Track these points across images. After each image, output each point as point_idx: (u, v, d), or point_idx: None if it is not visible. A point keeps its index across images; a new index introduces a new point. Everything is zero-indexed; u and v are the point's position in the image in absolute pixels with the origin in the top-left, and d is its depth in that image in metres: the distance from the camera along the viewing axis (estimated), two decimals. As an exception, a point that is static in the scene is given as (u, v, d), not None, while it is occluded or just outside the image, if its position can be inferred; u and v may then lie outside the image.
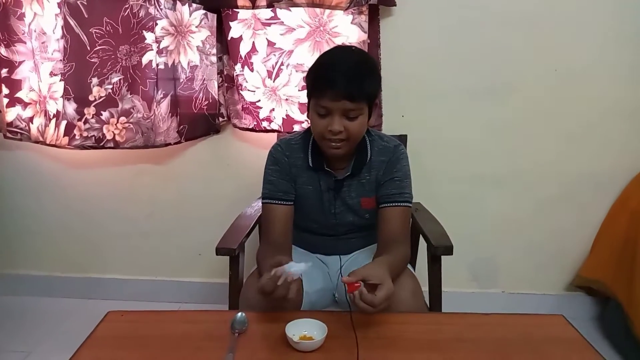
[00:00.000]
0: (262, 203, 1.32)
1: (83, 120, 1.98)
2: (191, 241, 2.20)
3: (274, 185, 1.30)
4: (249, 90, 1.94)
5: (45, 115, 2.01)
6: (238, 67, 1.92)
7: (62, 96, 1.96)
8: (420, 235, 1.53)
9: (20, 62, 1.98)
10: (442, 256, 1.39)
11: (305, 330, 1.01)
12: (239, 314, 1.06)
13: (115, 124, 1.99)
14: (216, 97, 2.02)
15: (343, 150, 1.21)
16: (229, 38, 1.90)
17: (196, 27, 1.95)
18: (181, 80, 1.99)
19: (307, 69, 1.85)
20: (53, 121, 2.00)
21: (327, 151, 1.23)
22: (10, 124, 2.02)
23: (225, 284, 1.43)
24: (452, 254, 1.36)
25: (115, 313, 1.12)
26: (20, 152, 2.16)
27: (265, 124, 1.97)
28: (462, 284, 2.14)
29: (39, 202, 2.22)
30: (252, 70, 1.91)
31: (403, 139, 1.69)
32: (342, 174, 1.30)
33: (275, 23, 1.87)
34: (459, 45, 1.94)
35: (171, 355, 0.97)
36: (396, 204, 1.27)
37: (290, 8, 1.84)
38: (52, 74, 1.99)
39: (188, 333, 1.05)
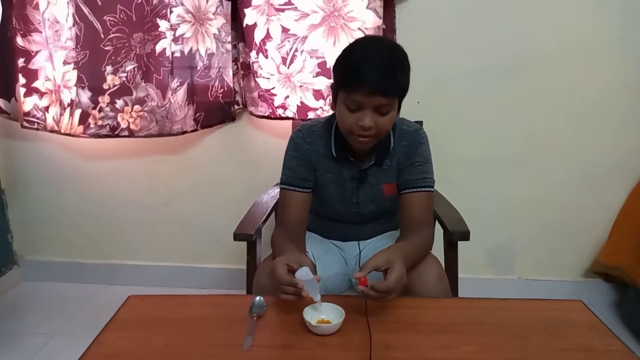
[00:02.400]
0: (280, 188, 1.32)
1: (97, 108, 2.00)
2: (209, 228, 2.22)
3: (292, 171, 1.29)
4: (264, 77, 1.93)
5: (60, 104, 2.03)
6: (253, 54, 1.91)
7: (75, 84, 1.98)
8: (437, 221, 1.52)
9: (37, 52, 2.00)
10: (458, 242, 1.39)
11: (322, 314, 1.02)
12: (257, 297, 1.07)
13: (130, 113, 2.00)
14: (231, 85, 2.02)
15: (370, 144, 1.19)
16: (244, 25, 1.89)
17: (213, 14, 1.94)
18: (198, 68, 1.99)
19: (321, 55, 1.88)
20: (67, 110, 2.02)
21: (354, 145, 1.21)
22: (27, 114, 2.04)
23: (242, 270, 1.44)
24: (468, 240, 1.36)
25: (136, 297, 1.14)
26: (40, 144, 2.20)
27: (280, 111, 1.97)
28: (479, 270, 2.14)
29: (59, 191, 2.25)
30: (266, 57, 1.91)
31: (419, 125, 1.67)
32: (366, 163, 1.28)
33: (289, 8, 1.86)
34: (474, 29, 1.92)
35: (190, 337, 0.98)
36: (418, 189, 1.26)
37: (304, -7, 1.83)
38: (65, 63, 2.00)
39: (206, 316, 1.06)
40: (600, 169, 2.00)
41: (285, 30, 1.88)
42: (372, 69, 1.08)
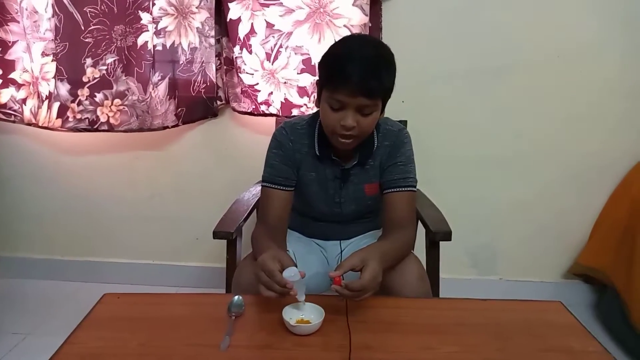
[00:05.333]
0: (262, 185, 1.30)
1: (76, 101, 1.95)
2: (189, 225, 2.19)
3: (274, 169, 1.28)
4: (247, 73, 1.91)
5: (38, 96, 1.98)
6: (237, 49, 1.89)
7: (54, 77, 1.93)
8: (419, 221, 1.52)
9: (14, 42, 1.95)
10: (440, 242, 1.39)
11: (302, 314, 1.00)
12: (236, 297, 1.05)
13: (110, 106, 1.96)
14: (214, 80, 1.99)
15: (352, 144, 1.18)
16: (227, 19, 1.87)
17: (196, 7, 1.91)
18: (180, 62, 1.95)
19: (306, 52, 1.86)
20: (45, 103, 1.97)
21: (336, 144, 1.20)
22: (4, 106, 1.99)
23: (223, 268, 1.42)
24: (450, 240, 1.36)
25: (111, 295, 1.11)
26: (17, 137, 2.14)
27: (263, 107, 1.94)
28: (460, 270, 2.14)
29: (37, 186, 2.20)
30: (250, 52, 1.88)
31: (403, 124, 1.67)
32: (349, 163, 1.27)
33: (274, 4, 1.83)
34: (461, 28, 1.92)
35: (167, 337, 0.96)
36: (400, 189, 1.25)
37: (290, -12, 1.81)
38: (44, 54, 1.94)
39: (184, 315, 1.04)
40: (582, 172, 2.02)
41: (269, 25, 1.86)
42: (355, 69, 1.07)
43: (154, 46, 1.90)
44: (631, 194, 1.89)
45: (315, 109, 1.25)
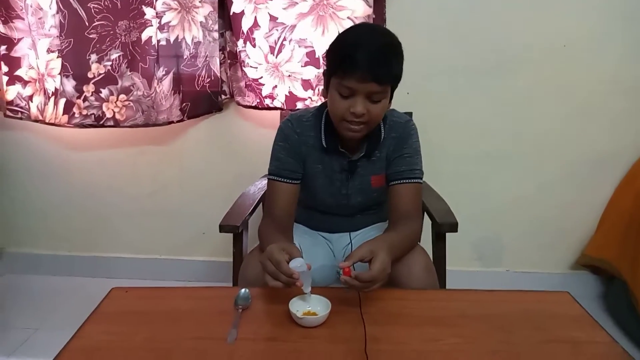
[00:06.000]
0: (268, 178, 1.29)
1: (82, 98, 1.96)
2: (195, 220, 2.20)
3: (281, 162, 1.27)
4: (251, 66, 1.91)
5: (44, 93, 1.99)
6: (240, 43, 1.88)
7: (59, 73, 1.94)
8: (425, 213, 1.51)
9: (19, 39, 1.95)
10: (446, 234, 1.38)
11: (308, 306, 1.00)
12: (243, 290, 1.05)
13: (115, 102, 1.97)
14: (218, 74, 1.99)
15: (361, 133, 1.17)
16: (231, 13, 1.86)
17: (199, 1, 1.91)
18: (184, 56, 1.95)
19: (310, 44, 1.85)
20: (52, 99, 1.98)
21: (345, 134, 1.19)
22: (10, 103, 2.00)
23: (229, 262, 1.42)
24: (456, 231, 1.35)
25: (119, 289, 1.12)
26: (24, 133, 2.15)
27: (268, 101, 1.94)
28: (466, 262, 2.14)
29: (44, 182, 2.21)
30: (254, 46, 1.88)
31: (408, 116, 1.67)
32: (356, 154, 1.27)
33: (277, -4, 1.83)
34: (465, 21, 1.91)
35: (174, 330, 0.96)
36: (407, 181, 1.25)
37: (293, -19, 1.80)
38: (49, 51, 1.95)
39: (191, 309, 1.04)
40: (587, 166, 2.01)
41: (273, 18, 1.85)
42: (366, 55, 1.06)
43: (158, 41, 1.90)
44: (636, 186, 1.88)
45: (320, 102, 1.25)
